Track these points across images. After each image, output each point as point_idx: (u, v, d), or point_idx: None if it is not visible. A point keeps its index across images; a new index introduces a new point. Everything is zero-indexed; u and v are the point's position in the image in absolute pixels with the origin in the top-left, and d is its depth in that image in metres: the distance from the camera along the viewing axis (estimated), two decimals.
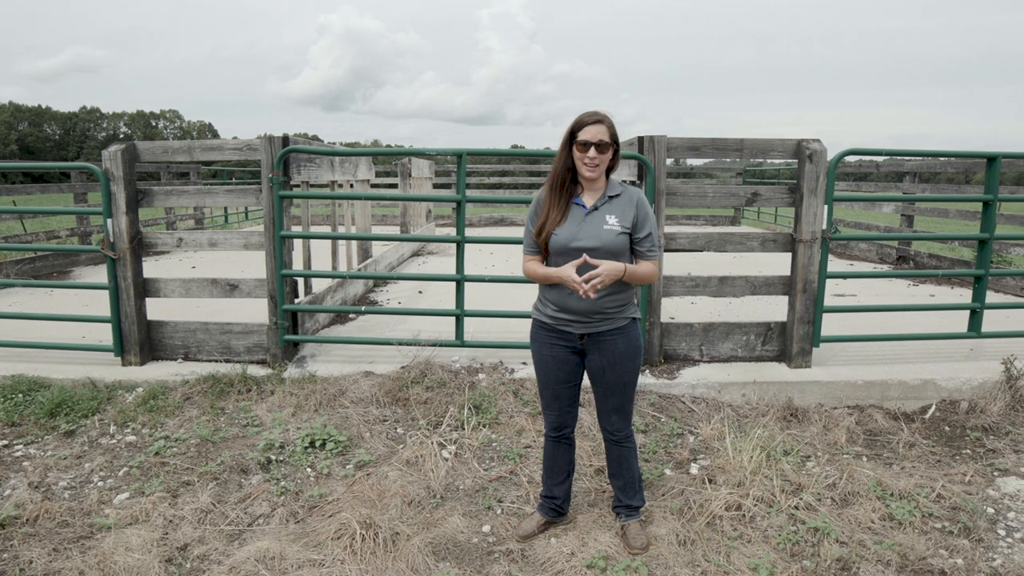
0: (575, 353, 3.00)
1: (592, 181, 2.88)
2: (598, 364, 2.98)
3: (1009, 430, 4.39)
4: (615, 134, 2.84)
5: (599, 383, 3.03)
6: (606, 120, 2.82)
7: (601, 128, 2.79)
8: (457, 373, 4.75)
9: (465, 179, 4.87)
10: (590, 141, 2.78)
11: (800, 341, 4.94)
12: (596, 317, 2.91)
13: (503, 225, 17.09)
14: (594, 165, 2.80)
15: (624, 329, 2.96)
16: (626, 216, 2.87)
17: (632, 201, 2.90)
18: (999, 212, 8.00)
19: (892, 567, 2.98)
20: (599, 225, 2.83)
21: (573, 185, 2.92)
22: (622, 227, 2.84)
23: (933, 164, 10.67)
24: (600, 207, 2.87)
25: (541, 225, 2.88)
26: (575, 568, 2.95)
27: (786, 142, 4.89)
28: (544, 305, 3.00)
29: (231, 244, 5.24)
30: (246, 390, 4.64)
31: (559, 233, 2.84)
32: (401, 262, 10.25)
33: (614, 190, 2.91)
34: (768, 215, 17.99)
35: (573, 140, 2.83)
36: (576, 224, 2.85)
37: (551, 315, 2.97)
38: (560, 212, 2.87)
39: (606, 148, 2.80)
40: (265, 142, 4.88)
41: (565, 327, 2.95)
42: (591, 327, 2.92)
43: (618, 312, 2.93)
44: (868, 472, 3.71)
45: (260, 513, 3.40)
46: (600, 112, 2.84)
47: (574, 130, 2.83)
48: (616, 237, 2.82)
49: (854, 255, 11.53)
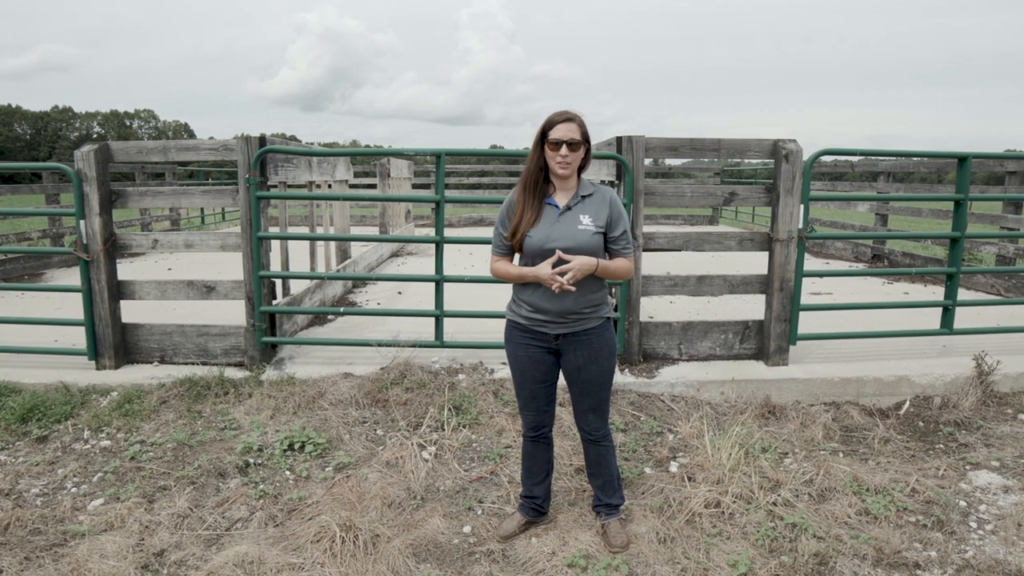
0: (550, 353, 3.01)
1: (564, 180, 2.89)
2: (573, 364, 2.98)
3: (980, 425, 4.47)
4: (586, 132, 2.85)
5: (575, 383, 3.03)
6: (577, 118, 2.83)
7: (572, 126, 2.80)
8: (437, 374, 4.74)
9: (444, 179, 4.86)
10: (562, 139, 2.79)
11: (777, 339, 5.00)
12: (571, 317, 2.91)
13: (483, 225, 17.07)
14: (566, 164, 2.81)
15: (599, 329, 2.97)
16: (600, 215, 2.88)
17: (605, 200, 2.92)
18: (970, 211, 8.15)
19: (868, 561, 3.02)
20: (573, 225, 2.84)
21: (545, 185, 2.92)
22: (596, 227, 2.86)
23: (906, 164, 10.83)
24: (573, 207, 2.88)
25: (515, 226, 2.88)
26: (556, 567, 2.96)
27: (763, 142, 4.94)
28: (518, 306, 3.01)
29: (208, 245, 5.18)
30: (223, 393, 4.59)
31: (533, 235, 2.84)
32: (380, 263, 10.20)
33: (586, 190, 2.92)
34: (746, 214, 18.16)
35: (545, 139, 2.83)
36: (550, 224, 2.85)
37: (525, 316, 2.97)
38: (534, 213, 2.87)
39: (578, 146, 2.81)
40: (242, 142, 4.83)
41: (540, 327, 2.95)
42: (566, 327, 2.93)
43: (592, 312, 2.94)
44: (844, 468, 3.76)
45: (238, 517, 3.36)
46: (571, 111, 2.85)
47: (545, 129, 2.83)
48: (591, 237, 2.84)
49: (830, 254, 11.68)
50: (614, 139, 4.87)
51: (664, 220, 17.36)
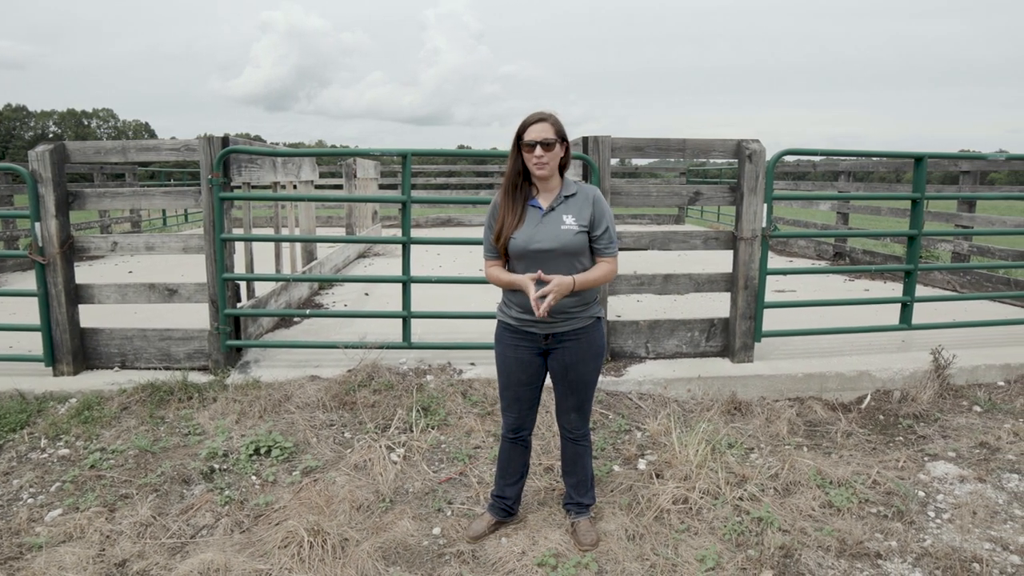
0: (539, 355, 3.01)
1: (545, 181, 2.89)
2: (561, 363, 2.99)
3: (938, 417, 4.59)
4: (561, 130, 2.85)
5: (561, 382, 3.04)
6: (550, 118, 2.83)
7: (545, 126, 2.80)
8: (405, 375, 4.71)
9: (410, 180, 4.84)
10: (535, 140, 2.79)
11: (742, 336, 5.07)
12: (560, 317, 2.92)
13: (451, 226, 17.03)
14: (543, 164, 2.81)
15: (588, 328, 2.98)
16: (583, 214, 2.88)
17: (588, 199, 2.92)
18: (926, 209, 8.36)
19: (832, 552, 3.09)
20: (556, 226, 2.84)
21: (528, 187, 2.92)
22: (579, 226, 2.86)
23: (866, 164, 11.08)
24: (556, 207, 2.88)
25: (499, 231, 2.88)
26: (526, 567, 2.96)
27: (727, 142, 5.01)
28: (508, 307, 3.00)
29: (169, 248, 5.07)
30: (187, 398, 4.51)
31: (517, 236, 2.84)
32: (347, 264, 10.11)
33: (569, 189, 2.92)
34: (711, 214, 18.40)
35: (520, 142, 2.83)
36: (533, 226, 2.85)
37: (515, 317, 2.97)
38: (516, 216, 2.87)
39: (552, 146, 2.81)
40: (204, 142, 4.75)
41: (530, 328, 2.95)
42: (555, 327, 2.94)
43: (582, 311, 2.95)
44: (808, 462, 3.83)
45: (203, 524, 3.31)
46: (544, 111, 2.85)
47: (520, 132, 2.83)
48: (574, 236, 2.84)
49: (793, 252, 11.89)
50: (580, 139, 4.90)
51: (631, 220, 17.51)
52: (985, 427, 4.44)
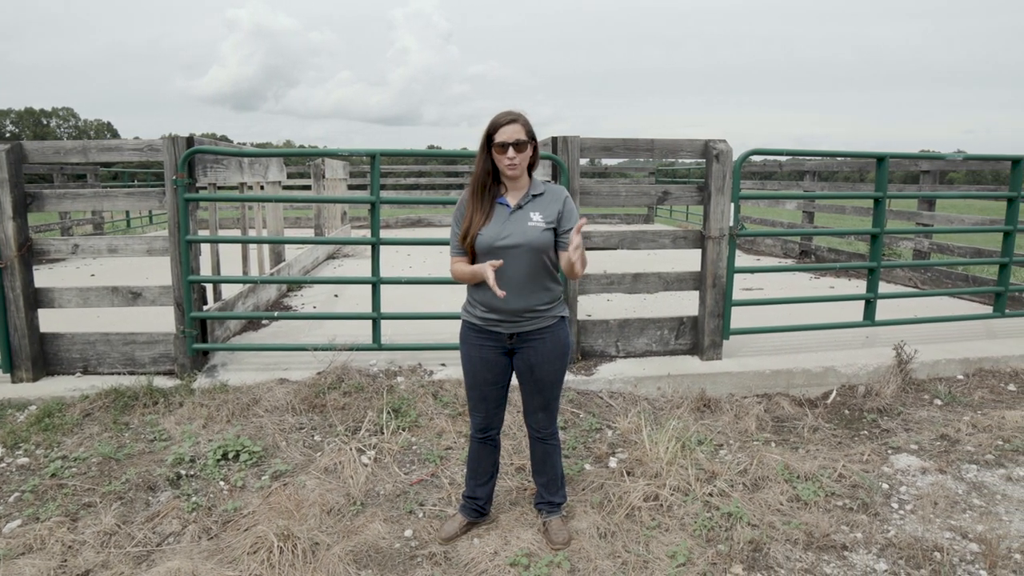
0: (504, 354, 3.01)
1: (515, 180, 2.90)
2: (526, 363, 2.99)
3: (900, 410, 4.70)
4: (531, 131, 2.86)
5: (527, 381, 3.04)
6: (521, 118, 2.83)
7: (517, 127, 2.81)
8: (375, 377, 4.68)
9: (379, 180, 4.81)
10: (507, 142, 2.79)
11: (711, 334, 5.13)
12: (526, 316, 2.92)
13: (421, 226, 16.95)
14: (514, 165, 2.82)
15: (553, 328, 2.99)
16: (550, 212, 2.89)
17: (557, 198, 2.93)
18: (888, 208, 8.54)
19: (799, 545, 3.14)
20: (523, 222, 2.85)
21: (496, 186, 2.92)
22: (546, 223, 2.87)
23: (831, 164, 11.28)
24: (524, 205, 2.89)
25: (466, 229, 2.87)
26: (498, 567, 2.96)
27: (694, 142, 5.06)
28: (473, 306, 3.00)
29: (133, 250, 4.97)
30: (152, 403, 4.43)
31: (484, 233, 2.84)
32: (316, 265, 10.01)
33: (537, 188, 2.93)
34: (680, 213, 18.58)
35: (491, 143, 2.83)
36: (501, 223, 2.86)
37: (480, 316, 2.97)
38: (484, 214, 2.87)
39: (524, 146, 2.82)
40: (168, 142, 4.67)
41: (494, 327, 2.95)
42: (520, 326, 2.94)
43: (547, 310, 2.96)
44: (776, 457, 3.88)
45: (170, 531, 3.24)
46: (514, 111, 2.85)
47: (490, 132, 2.83)
48: (541, 233, 2.84)
49: (760, 250, 12.06)
50: (549, 139, 4.91)
51: (601, 219, 17.60)
52: (945, 420, 4.55)
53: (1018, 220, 5.91)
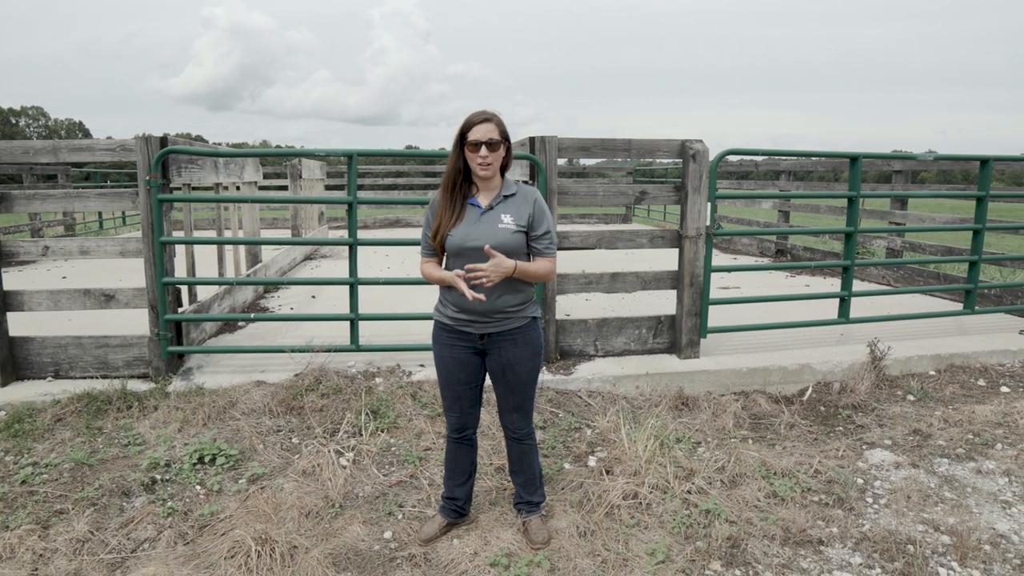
0: (476, 354, 3.00)
1: (487, 180, 2.88)
2: (498, 363, 2.99)
3: (875, 406, 4.77)
4: (505, 131, 2.85)
5: (500, 382, 3.04)
6: (494, 118, 2.82)
7: (490, 127, 2.80)
8: (353, 378, 4.65)
9: (356, 180, 4.78)
10: (480, 140, 2.78)
11: (689, 333, 5.16)
12: (496, 316, 2.91)
13: (399, 227, 16.88)
14: (487, 164, 2.81)
15: (524, 328, 2.98)
16: (521, 214, 2.88)
17: (528, 200, 2.92)
18: (862, 207, 8.66)
19: (777, 541, 3.17)
20: (494, 224, 2.84)
21: (468, 186, 2.91)
22: (517, 225, 2.86)
23: (806, 164, 11.41)
24: (495, 206, 2.88)
25: (436, 228, 2.86)
26: (479, 567, 2.96)
27: (671, 142, 5.09)
28: (444, 306, 2.99)
29: (106, 252, 4.89)
30: (126, 407, 4.36)
31: (454, 234, 2.83)
32: (293, 266, 9.93)
33: (509, 189, 2.92)
34: (658, 212, 18.70)
35: (464, 141, 2.82)
36: (471, 224, 2.85)
37: (451, 316, 2.96)
38: (454, 214, 2.86)
39: (497, 146, 2.81)
40: (141, 142, 4.60)
41: (465, 328, 2.94)
42: (491, 327, 2.93)
43: (518, 311, 2.95)
44: (753, 454, 3.92)
45: (145, 537, 3.20)
46: (488, 111, 2.84)
47: (464, 131, 2.82)
48: (511, 236, 2.83)
49: (737, 249, 12.17)
50: (527, 139, 4.91)
51: (579, 219, 17.66)
52: (918, 415, 4.63)
53: (987, 219, 6.03)
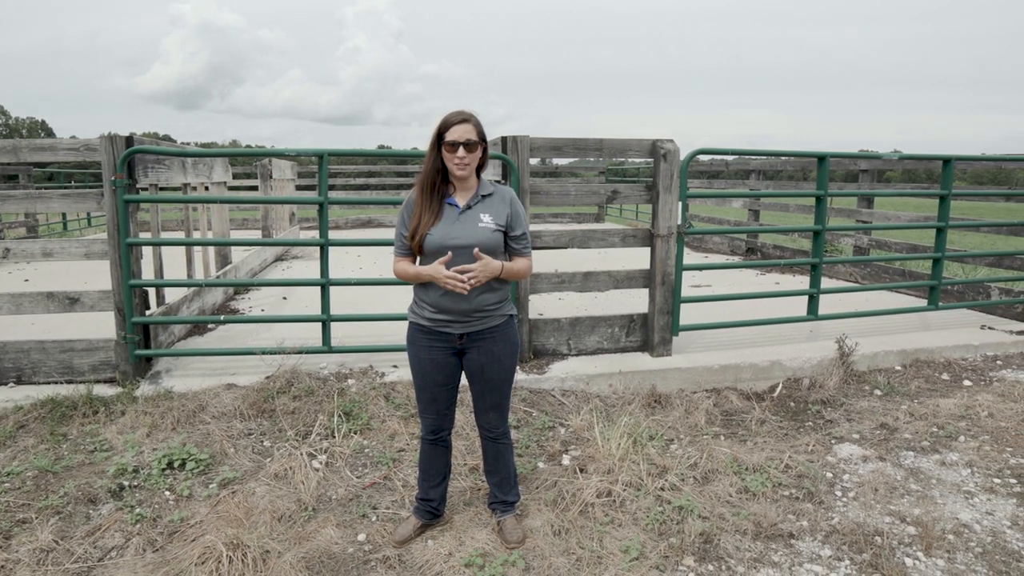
0: (454, 354, 3.00)
1: (464, 180, 2.89)
2: (476, 362, 2.99)
3: (843, 401, 4.85)
4: (482, 131, 2.86)
5: (477, 381, 3.04)
6: (472, 119, 2.83)
7: (468, 127, 2.80)
8: (326, 380, 4.61)
9: (327, 180, 4.74)
10: (458, 141, 2.78)
11: (661, 331, 5.20)
12: (475, 316, 2.91)
13: (371, 227, 16.77)
14: (464, 164, 2.81)
15: (502, 327, 2.99)
16: (500, 214, 2.90)
17: (505, 200, 2.94)
18: (830, 206, 8.80)
19: (748, 535, 3.21)
20: (473, 224, 2.85)
21: (444, 185, 2.91)
22: (496, 225, 2.87)
23: (775, 163, 11.56)
24: (473, 206, 2.89)
25: (414, 228, 2.85)
26: (453, 568, 2.95)
27: (642, 142, 5.13)
28: (421, 307, 2.98)
29: (70, 253, 4.79)
30: (92, 412, 4.27)
31: (433, 233, 2.83)
32: (264, 267, 9.81)
33: (486, 189, 2.93)
34: (630, 212, 18.83)
35: (441, 141, 2.82)
36: (450, 223, 2.85)
37: (429, 317, 2.95)
38: (433, 214, 2.86)
39: (474, 147, 2.81)
40: (106, 142, 4.51)
41: (444, 328, 2.93)
42: (470, 326, 2.93)
43: (496, 310, 2.96)
44: (725, 450, 3.97)
45: (112, 545, 3.14)
46: (466, 111, 2.85)
47: (441, 131, 2.82)
48: (491, 235, 2.85)
49: (708, 248, 12.29)
50: (499, 139, 4.91)
51: (552, 218, 17.70)
52: (885, 409, 4.72)
53: (949, 217, 6.17)
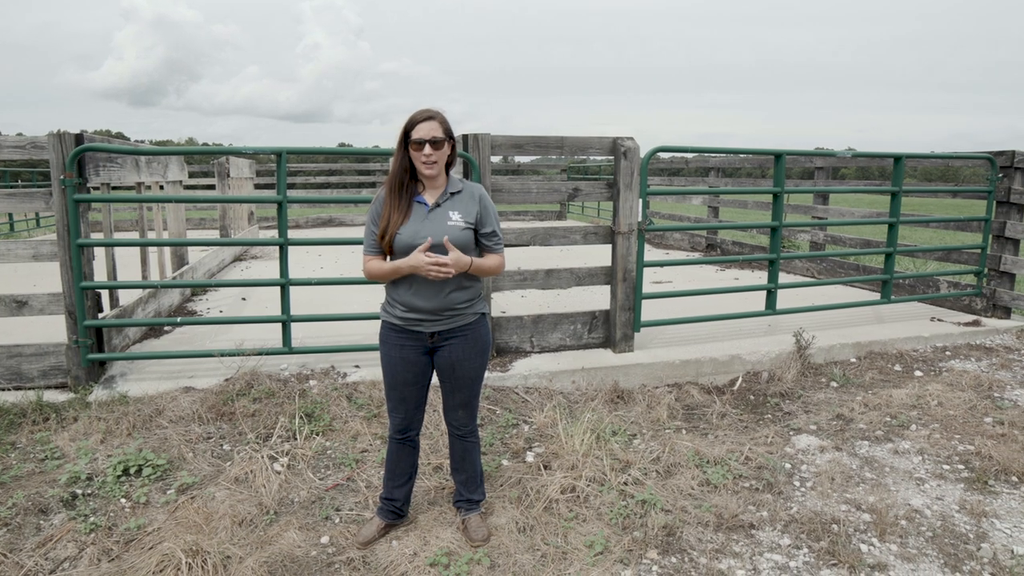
0: (425, 353, 2.99)
1: (432, 179, 2.88)
2: (448, 360, 2.98)
3: (801, 394, 4.95)
4: (449, 128, 2.85)
5: (447, 379, 3.03)
6: (438, 116, 2.82)
7: (434, 124, 2.79)
8: (286, 381, 4.54)
9: (286, 179, 4.67)
10: (424, 139, 2.77)
11: (623, 327, 5.25)
12: (447, 314, 2.91)
13: (332, 226, 16.58)
14: (431, 162, 2.80)
15: (474, 324, 3.00)
16: (469, 212, 2.90)
17: (474, 197, 2.94)
18: (787, 203, 8.98)
19: (710, 527, 3.26)
20: (443, 222, 2.84)
21: (413, 183, 2.90)
22: (466, 222, 2.87)
23: (734, 160, 11.75)
24: (442, 204, 2.88)
25: (384, 228, 2.84)
26: (418, 568, 2.94)
27: (603, 140, 5.16)
28: (392, 306, 2.96)
29: (17, 255, 4.63)
30: (43, 419, 4.14)
31: (403, 232, 2.82)
32: (222, 268, 9.63)
33: (455, 186, 2.93)
34: (592, 209, 18.94)
35: (408, 140, 2.80)
36: (419, 222, 2.84)
37: (400, 316, 2.93)
38: (402, 213, 2.84)
39: (441, 144, 2.80)
40: (54, 139, 4.37)
41: (416, 327, 2.92)
42: (442, 324, 2.92)
43: (467, 308, 2.96)
44: (687, 444, 4.02)
45: (65, 556, 3.05)
46: (432, 109, 2.84)
47: (407, 129, 2.80)
48: (461, 232, 2.85)
49: (669, 244, 12.44)
50: (461, 137, 4.89)
51: (514, 216, 17.73)
52: (840, 400, 4.83)
53: (900, 213, 6.34)
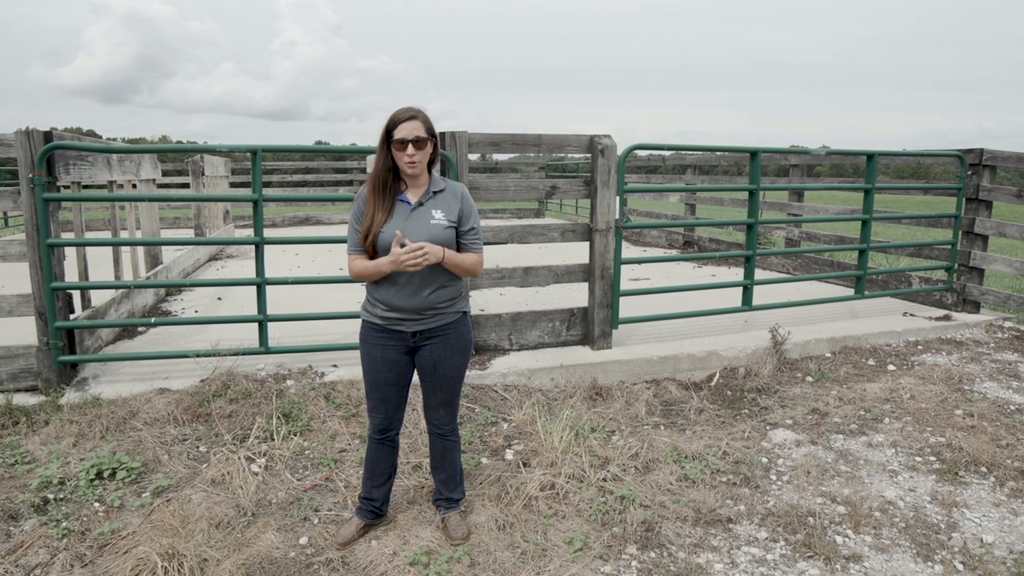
0: (406, 353, 2.98)
1: (415, 178, 2.87)
2: (429, 360, 2.98)
3: (777, 389, 5.01)
4: (431, 127, 2.85)
5: (429, 378, 3.03)
6: (420, 115, 2.81)
7: (416, 124, 2.78)
8: (263, 382, 4.50)
9: (261, 177, 4.62)
10: (406, 138, 2.76)
11: (601, 324, 5.27)
12: (428, 313, 2.90)
13: (309, 224, 16.45)
14: (414, 162, 2.79)
15: (456, 323, 2.99)
16: (451, 210, 2.90)
17: (456, 195, 2.94)
18: (762, 200, 9.06)
19: (688, 522, 3.29)
20: (425, 221, 2.84)
21: (396, 183, 2.89)
22: (448, 221, 2.87)
23: (710, 158, 11.82)
24: (425, 203, 2.88)
25: (367, 228, 2.82)
26: (398, 567, 2.93)
27: (580, 137, 5.17)
28: (373, 306, 2.94)
29: None
30: (12, 423, 4.07)
31: (386, 231, 2.81)
32: (197, 267, 9.51)
33: (438, 185, 2.93)
34: (570, 207, 18.99)
35: (390, 139, 2.79)
36: (402, 221, 2.83)
37: (382, 315, 2.92)
38: (385, 212, 2.84)
39: (423, 143, 2.80)
40: (22, 137, 4.28)
41: (397, 326, 2.91)
42: (423, 324, 2.92)
43: (449, 306, 2.96)
44: (665, 439, 4.05)
45: (37, 563, 2.99)
46: (414, 108, 2.83)
47: (389, 128, 2.79)
48: (443, 231, 2.85)
49: (647, 242, 12.52)
50: (438, 135, 4.88)
51: (492, 214, 17.72)
52: (816, 395, 4.90)
53: (874, 209, 6.43)
